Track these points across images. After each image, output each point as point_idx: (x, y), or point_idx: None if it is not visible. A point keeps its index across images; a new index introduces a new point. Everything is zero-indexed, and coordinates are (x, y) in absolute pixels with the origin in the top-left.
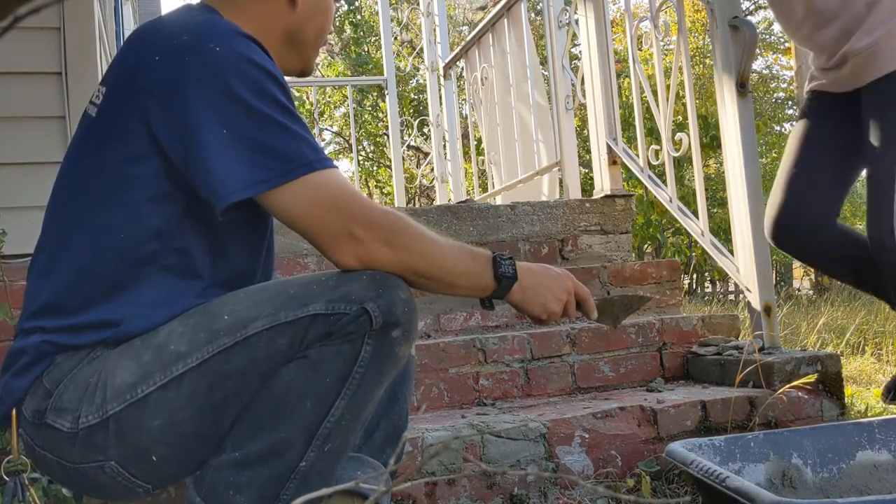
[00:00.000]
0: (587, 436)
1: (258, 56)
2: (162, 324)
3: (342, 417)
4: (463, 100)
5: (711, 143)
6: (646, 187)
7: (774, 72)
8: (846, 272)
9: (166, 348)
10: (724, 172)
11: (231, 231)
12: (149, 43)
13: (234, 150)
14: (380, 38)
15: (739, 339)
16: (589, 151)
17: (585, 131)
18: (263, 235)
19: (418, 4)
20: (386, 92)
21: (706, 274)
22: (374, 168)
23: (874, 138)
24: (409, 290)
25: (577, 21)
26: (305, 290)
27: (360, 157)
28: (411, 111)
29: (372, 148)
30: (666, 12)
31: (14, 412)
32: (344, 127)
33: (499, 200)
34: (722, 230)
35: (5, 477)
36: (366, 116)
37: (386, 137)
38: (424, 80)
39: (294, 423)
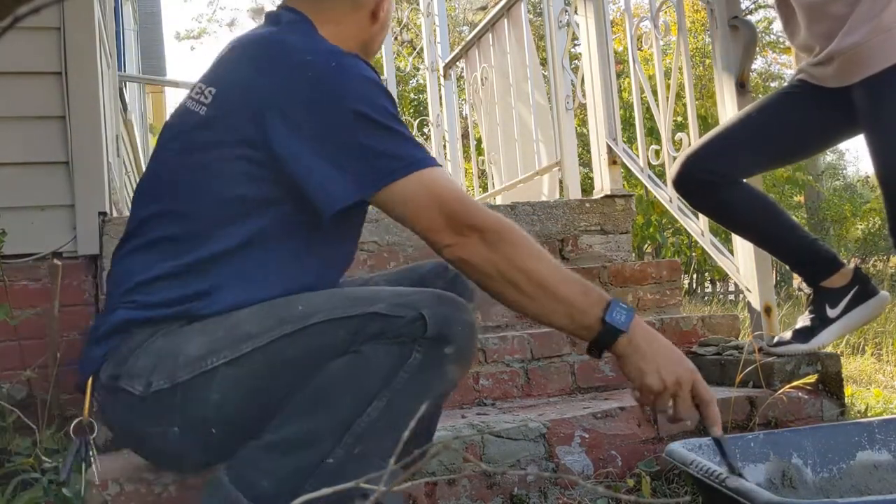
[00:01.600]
0: (587, 436)
1: (368, 72)
2: (247, 303)
3: (377, 420)
4: (463, 100)
5: None
6: (646, 187)
7: (775, 70)
8: (742, 230)
9: (239, 328)
10: None
11: (333, 230)
12: (270, 58)
13: (346, 157)
14: None
15: (739, 339)
16: (589, 151)
17: (585, 131)
18: (359, 231)
19: (418, 4)
20: None
21: (706, 274)
22: None
23: (872, 143)
24: (473, 316)
25: (577, 22)
26: (377, 293)
27: None
28: (411, 111)
29: None
30: (666, 12)
31: (90, 379)
32: None
33: (499, 200)
34: (722, 230)
35: (73, 436)
36: None
37: None
38: (424, 80)
39: (329, 415)
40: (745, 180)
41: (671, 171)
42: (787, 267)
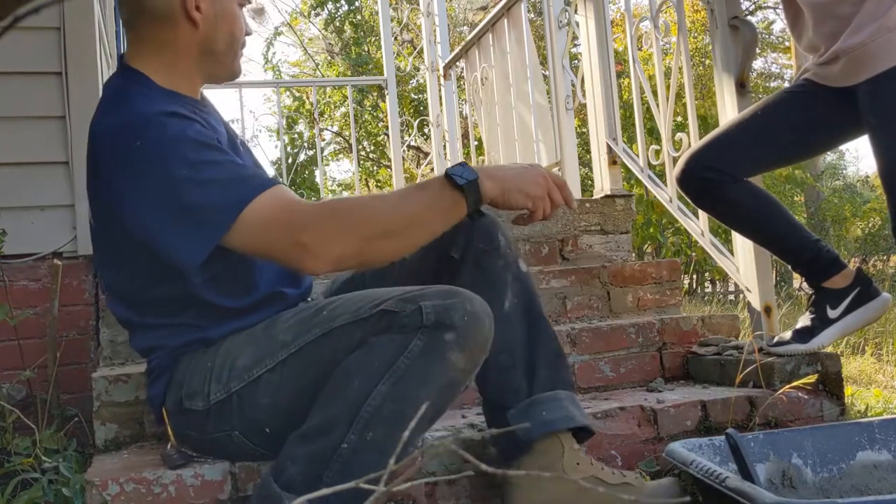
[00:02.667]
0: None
1: (173, 129)
2: (229, 332)
3: (383, 405)
4: (463, 100)
5: None
6: (646, 187)
7: (774, 70)
8: (746, 229)
9: (277, 337)
10: None
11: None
12: (90, 150)
13: (182, 221)
14: (380, 38)
15: (739, 339)
16: (589, 151)
17: (585, 131)
18: None
19: (418, 4)
20: (386, 92)
21: (706, 274)
22: (374, 168)
23: (876, 142)
24: (483, 307)
25: (577, 21)
26: (389, 293)
27: (360, 157)
28: (411, 111)
29: (372, 148)
30: (666, 12)
31: (164, 411)
32: (344, 127)
33: None
34: (722, 230)
35: (170, 453)
36: (366, 116)
37: (386, 137)
38: (424, 80)
39: (342, 401)
40: (748, 179)
41: (675, 169)
42: (788, 267)
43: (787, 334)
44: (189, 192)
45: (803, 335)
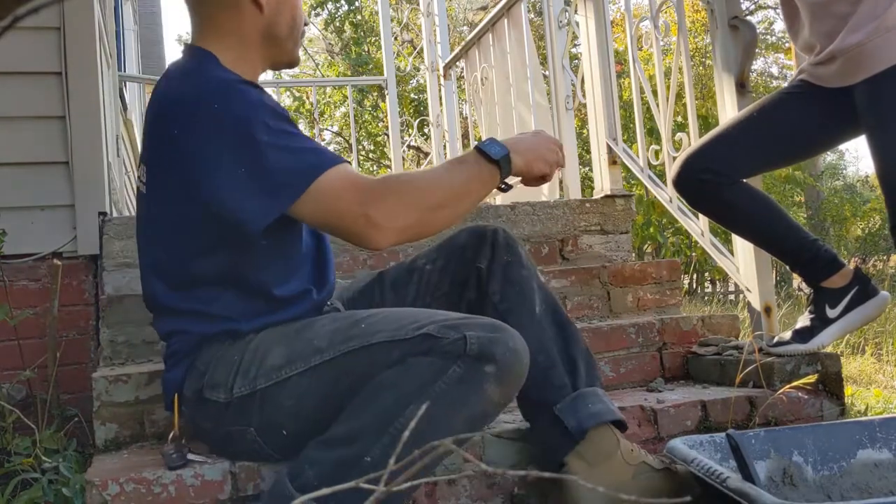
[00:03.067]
0: None
1: (252, 97)
2: (259, 326)
3: (414, 424)
4: (463, 100)
5: None
6: (646, 187)
7: (775, 72)
8: (743, 230)
9: (311, 342)
10: None
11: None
12: (161, 113)
13: (247, 185)
14: (380, 38)
15: (739, 339)
16: (589, 151)
17: (585, 131)
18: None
19: (418, 4)
20: (386, 92)
21: (706, 274)
22: (375, 168)
23: (873, 143)
24: (523, 346)
25: (577, 21)
26: (432, 316)
27: (360, 157)
28: (411, 111)
29: (372, 148)
30: (666, 12)
31: (176, 397)
32: (344, 127)
33: (498, 200)
34: (722, 230)
35: (170, 452)
36: (366, 116)
37: (386, 137)
38: (424, 80)
39: (372, 414)
40: (745, 180)
41: (671, 171)
42: (787, 267)
43: (787, 334)
44: (267, 156)
45: (803, 335)
